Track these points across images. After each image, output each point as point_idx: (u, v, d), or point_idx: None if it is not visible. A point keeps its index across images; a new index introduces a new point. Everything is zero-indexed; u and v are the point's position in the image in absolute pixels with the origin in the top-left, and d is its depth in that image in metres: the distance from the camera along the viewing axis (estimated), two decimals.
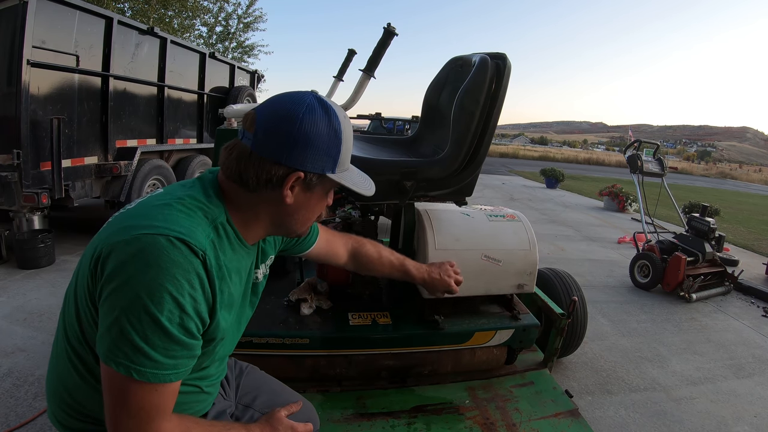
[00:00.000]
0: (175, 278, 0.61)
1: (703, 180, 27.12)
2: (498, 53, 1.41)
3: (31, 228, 3.39)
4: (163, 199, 0.70)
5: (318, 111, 0.69)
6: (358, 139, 1.84)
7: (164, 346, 0.62)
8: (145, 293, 0.60)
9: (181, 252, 0.62)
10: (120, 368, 0.61)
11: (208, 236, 0.68)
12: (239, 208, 0.74)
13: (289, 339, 1.44)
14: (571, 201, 9.71)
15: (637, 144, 4.69)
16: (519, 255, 1.60)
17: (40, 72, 3.17)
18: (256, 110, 0.70)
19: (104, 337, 0.62)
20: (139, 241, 0.62)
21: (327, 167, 0.72)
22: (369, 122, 7.98)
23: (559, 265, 2.82)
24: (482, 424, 1.43)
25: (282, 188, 0.70)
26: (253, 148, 0.68)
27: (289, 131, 0.67)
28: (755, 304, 3.86)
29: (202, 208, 0.70)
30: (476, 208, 1.75)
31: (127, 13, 10.30)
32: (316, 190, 0.75)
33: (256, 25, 13.78)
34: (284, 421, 0.89)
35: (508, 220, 1.67)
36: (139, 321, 0.60)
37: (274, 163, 0.68)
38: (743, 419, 2.15)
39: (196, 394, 0.82)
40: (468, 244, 1.54)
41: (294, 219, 0.77)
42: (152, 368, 0.62)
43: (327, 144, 0.70)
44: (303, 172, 0.70)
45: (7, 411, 1.77)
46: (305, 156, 0.69)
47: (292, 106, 0.69)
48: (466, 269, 1.54)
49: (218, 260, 0.69)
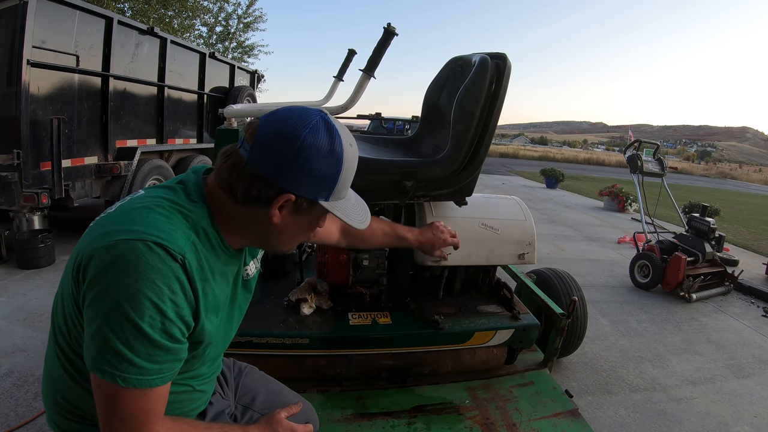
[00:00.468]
0: (154, 284, 0.61)
1: (703, 180, 27.12)
2: (498, 53, 1.41)
3: (31, 228, 3.39)
4: (142, 201, 0.68)
5: (321, 134, 0.66)
6: (358, 139, 1.84)
7: (147, 352, 0.62)
8: (125, 300, 0.60)
9: (160, 257, 0.62)
10: (105, 376, 0.61)
11: (189, 238, 0.67)
12: (225, 216, 0.72)
13: (289, 339, 1.44)
14: (571, 201, 9.71)
15: (637, 144, 4.70)
16: (516, 224, 1.64)
17: (40, 72, 3.17)
18: (260, 121, 0.68)
19: (89, 346, 0.62)
20: (117, 247, 0.61)
21: (321, 195, 0.69)
22: (369, 122, 7.98)
23: (559, 265, 2.82)
24: (482, 424, 1.43)
25: (270, 207, 0.68)
26: (248, 161, 0.66)
27: (287, 152, 0.65)
28: (755, 304, 3.86)
29: (182, 211, 0.68)
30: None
31: (127, 13, 10.30)
32: (306, 215, 0.73)
33: (256, 25, 13.79)
34: (284, 423, 0.88)
35: (502, 198, 1.78)
36: (120, 328, 0.60)
37: (266, 181, 0.66)
38: (743, 419, 2.15)
39: (189, 393, 0.81)
40: (465, 213, 1.59)
41: (279, 239, 0.76)
42: (137, 374, 0.62)
43: (325, 171, 0.68)
44: (294, 195, 0.68)
45: (7, 411, 1.77)
46: (299, 180, 0.67)
47: (296, 125, 0.66)
48: (465, 237, 1.53)
49: (200, 262, 0.68)
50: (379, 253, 1.70)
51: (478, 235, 1.58)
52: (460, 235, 1.48)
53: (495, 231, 1.59)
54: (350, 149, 0.71)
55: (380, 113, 5.44)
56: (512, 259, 1.65)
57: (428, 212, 1.55)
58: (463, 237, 1.50)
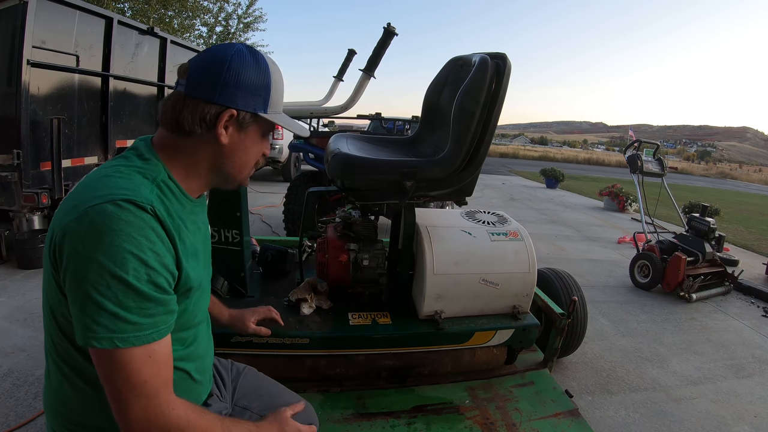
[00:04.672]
0: (131, 237, 0.62)
1: (703, 180, 27.11)
2: (498, 53, 1.41)
3: (31, 228, 3.38)
4: (100, 173, 0.70)
5: (246, 55, 0.73)
6: (358, 139, 1.83)
7: (138, 306, 0.63)
8: (106, 259, 0.60)
9: (131, 211, 0.63)
10: (103, 343, 0.61)
11: (153, 192, 0.69)
12: (178, 159, 0.75)
13: (289, 339, 1.44)
14: (571, 201, 9.70)
15: (637, 144, 4.69)
16: (517, 277, 1.61)
17: (40, 72, 3.17)
18: (189, 61, 0.74)
19: (78, 320, 0.62)
20: (87, 215, 0.62)
21: (258, 107, 0.75)
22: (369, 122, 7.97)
23: (559, 265, 2.82)
24: (482, 424, 1.43)
25: (216, 127, 0.72)
26: (186, 92, 0.71)
27: (218, 72, 0.71)
28: (755, 304, 3.86)
29: (139, 171, 0.71)
30: (480, 219, 1.75)
31: (127, 13, 10.29)
32: (250, 131, 0.77)
33: (256, 25, 13.77)
34: (290, 422, 0.89)
35: (511, 239, 1.66)
36: (108, 287, 0.60)
37: (206, 103, 0.71)
38: (743, 419, 2.15)
39: (186, 380, 0.81)
40: (467, 269, 1.55)
41: (231, 161, 0.78)
42: (133, 332, 0.62)
43: (256, 81, 0.74)
44: (235, 110, 0.73)
45: (7, 411, 1.77)
46: (236, 94, 0.72)
47: (221, 51, 0.73)
48: (463, 292, 1.57)
49: (169, 212, 0.70)
50: (379, 253, 1.70)
51: (476, 290, 1.57)
52: (459, 290, 1.52)
53: (495, 286, 1.58)
54: (274, 66, 0.77)
55: (380, 113, 5.43)
56: (506, 309, 1.66)
57: (429, 268, 1.50)
58: (461, 292, 1.55)
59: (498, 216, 1.81)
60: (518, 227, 1.72)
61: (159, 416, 0.65)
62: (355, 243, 1.69)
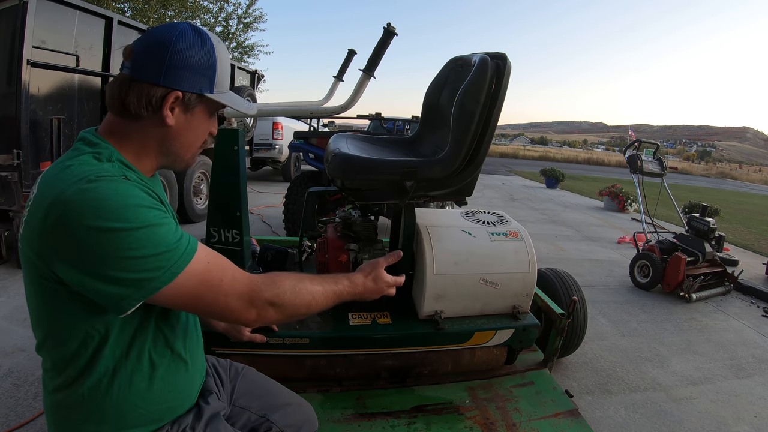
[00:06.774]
0: (127, 194, 0.64)
1: (703, 180, 27.12)
2: (498, 53, 1.41)
3: None
4: (54, 170, 0.69)
5: (191, 35, 0.72)
6: (358, 139, 1.83)
7: (165, 234, 0.66)
8: (118, 221, 0.62)
9: (108, 179, 0.65)
10: (166, 279, 0.65)
11: (115, 167, 0.70)
12: (127, 143, 0.74)
13: (289, 339, 1.44)
14: (571, 201, 9.70)
15: (637, 144, 4.69)
16: (517, 277, 1.60)
17: (40, 72, 3.17)
18: (133, 43, 0.73)
19: (124, 285, 0.63)
20: (71, 201, 0.61)
21: (204, 87, 0.74)
22: (369, 122, 7.98)
23: (559, 265, 2.82)
24: (482, 424, 1.43)
25: (162, 109, 0.72)
26: (131, 75, 0.70)
27: (163, 53, 0.70)
28: (755, 304, 3.86)
29: (94, 155, 0.70)
30: (480, 219, 1.74)
31: (127, 13, 10.31)
32: (197, 112, 0.77)
33: (256, 25, 13.80)
34: (385, 277, 0.94)
35: (511, 239, 1.65)
36: (137, 240, 0.63)
37: (152, 85, 0.70)
38: (743, 419, 2.15)
39: (179, 362, 0.81)
40: (467, 269, 1.55)
41: (179, 143, 0.78)
42: (180, 250, 0.67)
43: (201, 64, 0.73)
44: (180, 92, 0.72)
45: (7, 411, 1.77)
46: (181, 76, 0.71)
47: (165, 32, 0.71)
48: (463, 292, 1.56)
49: (141, 179, 0.73)
50: (379, 253, 1.70)
51: (476, 290, 1.57)
52: (459, 290, 1.52)
53: (495, 286, 1.58)
54: (219, 45, 0.76)
55: (380, 113, 5.44)
56: (506, 309, 1.65)
57: (429, 267, 1.50)
58: (461, 292, 1.55)
59: (498, 216, 1.80)
60: (518, 227, 1.72)
61: (257, 293, 0.74)
62: (355, 243, 1.69)
